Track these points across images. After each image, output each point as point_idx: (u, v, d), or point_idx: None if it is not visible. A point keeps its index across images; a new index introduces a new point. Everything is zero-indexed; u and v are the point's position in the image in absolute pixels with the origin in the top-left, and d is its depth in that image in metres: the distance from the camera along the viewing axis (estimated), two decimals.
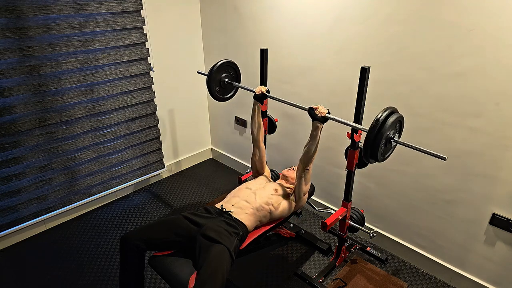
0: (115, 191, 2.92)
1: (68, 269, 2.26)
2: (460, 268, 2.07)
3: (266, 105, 2.31)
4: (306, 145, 1.89)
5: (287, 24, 2.38)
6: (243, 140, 3.19)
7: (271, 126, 2.42)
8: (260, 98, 2.11)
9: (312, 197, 2.75)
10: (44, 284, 2.15)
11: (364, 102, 1.77)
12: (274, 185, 2.09)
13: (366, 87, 1.73)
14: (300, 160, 1.94)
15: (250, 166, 3.22)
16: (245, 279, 2.17)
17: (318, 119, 1.79)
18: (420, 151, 1.51)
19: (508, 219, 1.79)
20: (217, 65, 2.22)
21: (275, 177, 2.47)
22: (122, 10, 2.43)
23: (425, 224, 2.14)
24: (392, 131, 1.57)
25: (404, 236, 2.28)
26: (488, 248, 1.91)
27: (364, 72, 1.69)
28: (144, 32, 2.61)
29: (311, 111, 1.80)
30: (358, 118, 1.79)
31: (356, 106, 1.78)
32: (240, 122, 3.11)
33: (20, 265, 2.30)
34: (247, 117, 3.03)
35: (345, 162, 1.97)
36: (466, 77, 1.71)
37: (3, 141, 2.22)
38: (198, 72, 2.54)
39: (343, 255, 2.25)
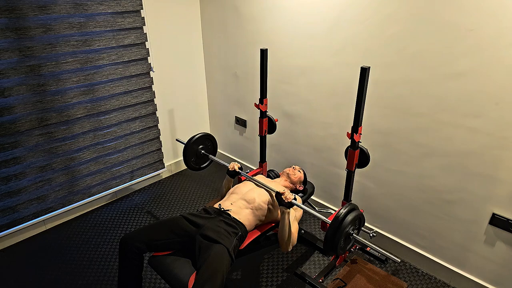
0: (115, 191, 2.92)
1: (68, 269, 2.26)
2: (460, 268, 2.07)
3: (266, 105, 2.31)
4: (278, 231, 1.86)
5: (287, 24, 2.38)
6: (243, 140, 3.19)
7: (271, 126, 2.42)
8: (233, 175, 2.16)
9: (312, 197, 2.75)
10: (44, 284, 2.15)
11: (364, 102, 1.76)
12: (274, 183, 2.09)
13: (366, 87, 1.73)
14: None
15: (249, 166, 3.23)
16: (245, 279, 2.17)
17: (284, 205, 1.79)
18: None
19: (508, 219, 1.79)
20: (194, 138, 2.36)
21: (275, 176, 2.47)
22: (122, 10, 2.43)
23: (425, 224, 2.14)
24: (352, 227, 1.69)
25: (404, 236, 2.28)
26: (488, 248, 1.91)
27: (364, 72, 1.69)
28: (144, 32, 2.61)
29: (277, 196, 1.81)
30: (358, 118, 1.79)
31: (356, 106, 1.78)
32: (240, 122, 3.12)
33: (20, 265, 2.30)
34: (247, 117, 3.03)
35: (345, 162, 1.97)
36: (466, 77, 1.71)
37: (3, 141, 2.22)
38: (177, 140, 2.68)
39: (343, 255, 2.25)
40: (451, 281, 2.13)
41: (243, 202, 1.92)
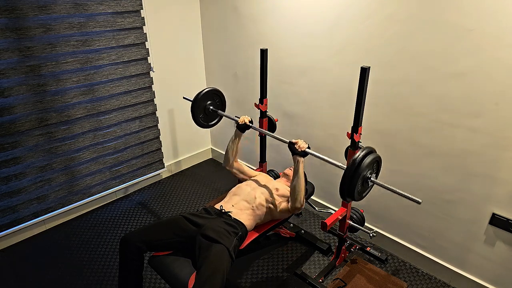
0: (115, 191, 2.92)
1: (68, 269, 2.26)
2: (460, 268, 2.07)
3: (266, 105, 2.31)
4: (291, 182, 1.87)
5: (287, 24, 2.38)
6: (243, 140, 3.17)
7: (271, 126, 2.43)
8: (243, 129, 2.10)
9: (312, 197, 2.75)
10: (44, 284, 2.15)
11: (364, 102, 1.77)
12: (274, 183, 2.09)
13: (366, 87, 1.73)
14: (290, 198, 1.91)
15: (249, 166, 3.22)
16: (245, 279, 2.17)
17: (298, 154, 1.79)
18: (396, 193, 1.58)
19: (508, 219, 1.79)
20: (202, 93, 2.26)
21: (274, 177, 2.47)
22: (122, 10, 2.43)
23: (425, 224, 2.14)
24: (369, 171, 1.61)
25: (404, 236, 2.28)
26: (488, 248, 1.91)
27: (364, 72, 1.69)
28: (144, 32, 2.61)
29: (291, 145, 1.81)
30: (358, 118, 1.79)
31: (356, 106, 1.78)
32: None
33: (20, 265, 2.30)
34: None
35: (345, 162, 1.96)
36: (466, 77, 1.71)
37: (3, 141, 2.21)
38: (184, 98, 2.57)
39: (343, 255, 2.25)
40: (451, 281, 2.13)
41: (245, 203, 1.92)
